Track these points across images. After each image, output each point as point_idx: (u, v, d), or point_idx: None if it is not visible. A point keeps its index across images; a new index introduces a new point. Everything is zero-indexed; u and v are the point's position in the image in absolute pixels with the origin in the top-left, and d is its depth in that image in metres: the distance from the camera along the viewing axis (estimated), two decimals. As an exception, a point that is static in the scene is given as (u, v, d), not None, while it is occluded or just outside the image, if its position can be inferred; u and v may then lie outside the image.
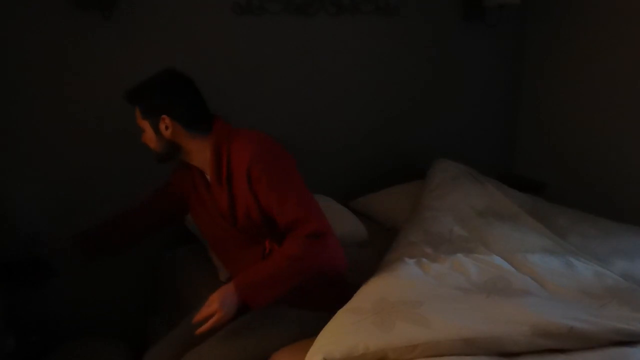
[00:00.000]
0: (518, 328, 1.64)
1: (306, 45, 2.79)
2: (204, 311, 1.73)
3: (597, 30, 3.26)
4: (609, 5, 3.18)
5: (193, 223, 2.49)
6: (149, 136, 1.89)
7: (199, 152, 1.89)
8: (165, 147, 1.88)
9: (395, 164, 3.21)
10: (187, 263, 2.49)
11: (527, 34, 3.59)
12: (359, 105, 3.03)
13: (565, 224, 2.61)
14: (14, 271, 2.15)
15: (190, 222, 2.51)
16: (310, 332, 1.75)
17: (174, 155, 1.91)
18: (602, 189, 3.34)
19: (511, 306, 1.77)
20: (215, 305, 1.71)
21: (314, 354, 1.61)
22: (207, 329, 1.72)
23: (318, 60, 2.84)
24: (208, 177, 1.93)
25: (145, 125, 1.88)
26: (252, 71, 2.64)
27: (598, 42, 3.27)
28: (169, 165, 2.31)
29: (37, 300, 2.35)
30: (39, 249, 2.12)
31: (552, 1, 3.45)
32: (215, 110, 1.93)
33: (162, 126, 1.85)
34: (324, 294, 1.90)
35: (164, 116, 1.83)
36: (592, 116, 3.36)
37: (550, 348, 1.65)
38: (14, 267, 2.15)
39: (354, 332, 1.65)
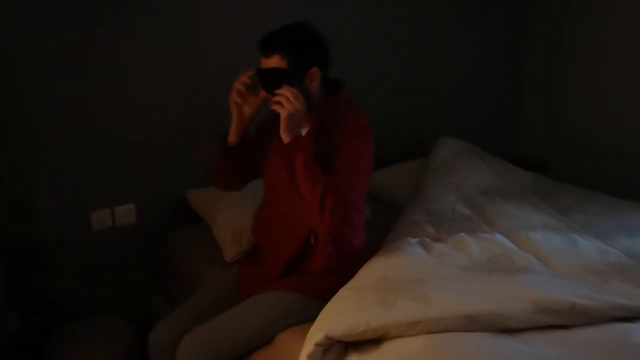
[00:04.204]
0: (519, 305, 1.64)
1: (302, 17, 2.75)
2: (293, 93, 1.76)
3: (603, 8, 3.23)
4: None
5: (196, 201, 2.51)
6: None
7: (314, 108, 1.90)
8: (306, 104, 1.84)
9: (399, 142, 3.20)
10: (191, 243, 2.49)
11: (532, 12, 3.56)
12: (362, 83, 3.00)
13: (568, 202, 2.61)
14: (19, 259, 2.17)
15: (193, 201, 2.52)
16: (316, 317, 1.75)
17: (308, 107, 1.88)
18: (605, 167, 3.34)
19: (513, 283, 1.77)
20: (300, 101, 1.76)
21: (316, 332, 1.62)
22: (280, 97, 1.76)
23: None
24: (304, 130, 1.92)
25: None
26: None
27: (604, 19, 3.24)
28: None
29: (39, 279, 2.36)
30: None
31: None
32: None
33: (308, 80, 1.84)
34: (331, 282, 1.90)
35: (314, 68, 1.84)
36: (597, 95, 3.34)
37: (552, 324, 1.65)
38: (19, 255, 2.18)
39: (356, 310, 1.66)
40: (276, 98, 1.77)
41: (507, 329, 1.63)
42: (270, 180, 2.03)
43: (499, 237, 2.17)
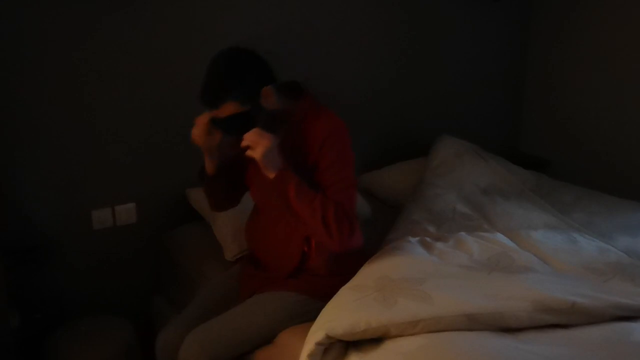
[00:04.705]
0: (519, 304, 1.65)
1: (304, 17, 2.76)
2: (257, 133, 1.73)
3: (604, 7, 3.23)
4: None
5: (196, 200, 2.51)
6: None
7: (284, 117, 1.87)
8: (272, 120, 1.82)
9: (399, 140, 3.20)
10: (192, 241, 2.49)
11: (533, 9, 3.56)
12: (361, 80, 3.01)
13: (569, 201, 2.61)
14: (20, 257, 2.18)
15: (193, 200, 2.52)
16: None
17: (275, 126, 1.83)
18: (606, 166, 3.33)
19: (513, 282, 1.77)
20: (267, 138, 1.72)
21: (316, 330, 1.63)
22: (246, 143, 1.74)
23: (318, 36, 2.81)
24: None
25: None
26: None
27: (605, 17, 3.23)
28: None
29: (41, 278, 2.36)
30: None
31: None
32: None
33: (264, 102, 1.80)
34: (334, 283, 1.89)
35: (265, 88, 1.79)
36: (597, 93, 3.34)
37: (553, 324, 1.66)
38: (20, 254, 2.18)
39: (356, 308, 1.66)
40: (244, 144, 1.74)
41: (508, 328, 1.63)
42: (257, 195, 2.03)
43: (500, 236, 2.17)
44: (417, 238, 2.11)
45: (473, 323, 1.61)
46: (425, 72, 3.23)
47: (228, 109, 1.76)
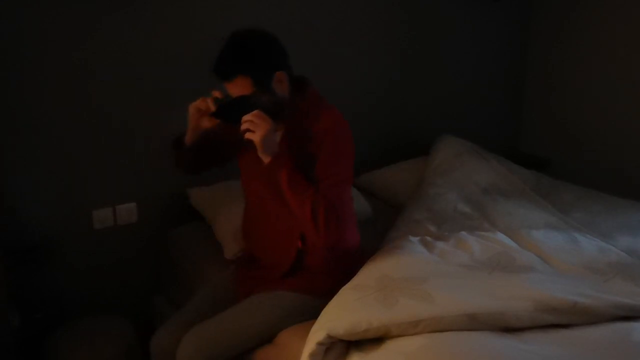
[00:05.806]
0: (521, 303, 1.64)
1: (304, 17, 2.76)
2: (258, 116, 1.72)
3: (604, 6, 3.23)
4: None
5: (197, 200, 2.51)
6: None
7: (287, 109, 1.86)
8: (275, 107, 1.80)
9: (399, 140, 3.20)
10: (192, 241, 2.49)
11: (533, 9, 3.56)
12: (362, 80, 3.01)
13: (569, 200, 2.61)
14: (20, 257, 2.18)
15: (194, 199, 2.51)
16: (317, 316, 1.75)
17: (278, 114, 1.82)
18: (606, 166, 3.34)
19: (514, 282, 1.77)
20: (268, 121, 1.72)
21: (317, 330, 1.63)
22: (246, 125, 1.73)
23: (317, 36, 2.81)
24: (279, 133, 1.88)
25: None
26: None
27: (605, 16, 3.24)
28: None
29: (41, 278, 2.36)
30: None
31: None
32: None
33: (276, 84, 1.80)
34: (331, 281, 1.89)
35: (278, 72, 1.79)
36: (597, 93, 3.34)
37: (554, 323, 1.65)
38: (20, 254, 2.19)
39: (357, 308, 1.66)
40: (244, 126, 1.73)
41: (509, 328, 1.63)
42: (252, 192, 2.02)
43: (500, 236, 2.17)
44: (417, 237, 2.11)
45: (474, 323, 1.61)
46: (425, 72, 3.23)
47: (239, 83, 1.75)
